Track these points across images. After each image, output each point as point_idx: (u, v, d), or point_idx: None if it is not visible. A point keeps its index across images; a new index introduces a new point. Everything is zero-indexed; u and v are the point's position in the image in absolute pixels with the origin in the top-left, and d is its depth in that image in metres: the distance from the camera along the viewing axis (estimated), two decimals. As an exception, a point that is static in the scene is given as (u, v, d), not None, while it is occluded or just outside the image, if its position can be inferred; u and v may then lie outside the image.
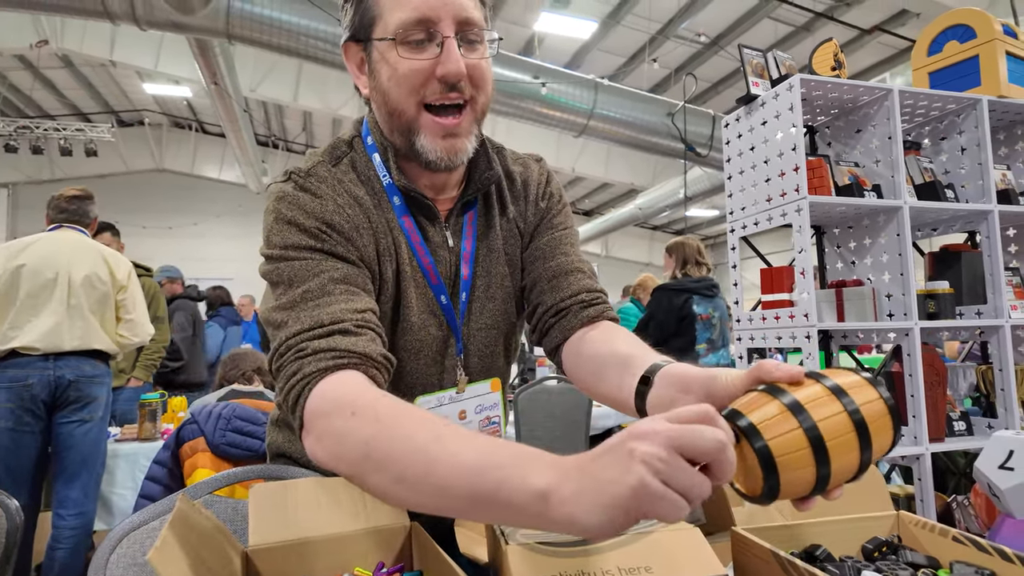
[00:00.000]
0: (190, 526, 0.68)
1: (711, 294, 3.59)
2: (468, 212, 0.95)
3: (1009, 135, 2.39)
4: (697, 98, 9.69)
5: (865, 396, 0.52)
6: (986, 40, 2.11)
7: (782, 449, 0.49)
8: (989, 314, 2.10)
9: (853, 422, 0.50)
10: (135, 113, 12.32)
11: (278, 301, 0.78)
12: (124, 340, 2.81)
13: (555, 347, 0.94)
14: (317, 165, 0.88)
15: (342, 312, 0.75)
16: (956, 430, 2.06)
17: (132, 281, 2.88)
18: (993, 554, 0.75)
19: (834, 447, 0.49)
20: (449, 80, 0.80)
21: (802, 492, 0.51)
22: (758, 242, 2.35)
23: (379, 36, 0.82)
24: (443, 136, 0.83)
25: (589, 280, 0.95)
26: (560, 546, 0.65)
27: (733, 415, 0.52)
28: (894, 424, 0.52)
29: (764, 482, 0.49)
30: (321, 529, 0.78)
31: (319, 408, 0.69)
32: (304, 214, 0.81)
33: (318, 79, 9.07)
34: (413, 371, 0.92)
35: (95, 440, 2.64)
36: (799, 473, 0.49)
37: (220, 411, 2.16)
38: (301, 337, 0.73)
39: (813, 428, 0.49)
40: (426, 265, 0.90)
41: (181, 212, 13.34)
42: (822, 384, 0.52)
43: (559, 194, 1.04)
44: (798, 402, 0.50)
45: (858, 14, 7.55)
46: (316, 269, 0.79)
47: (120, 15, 4.93)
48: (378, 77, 0.84)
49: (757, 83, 2.05)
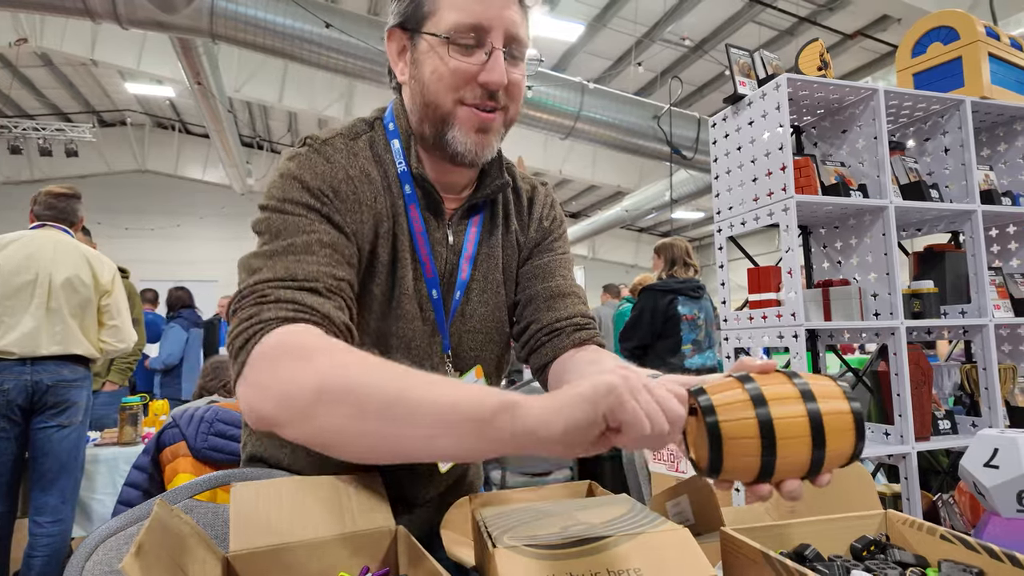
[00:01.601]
0: (168, 532, 0.66)
1: (697, 295, 3.62)
2: (474, 215, 0.97)
3: (991, 136, 2.42)
4: (682, 101, 9.77)
5: (831, 402, 0.54)
6: (969, 42, 2.13)
7: (732, 432, 0.52)
8: (973, 313, 2.12)
9: (809, 417, 0.53)
10: (117, 113, 12.16)
11: (259, 249, 0.77)
12: (107, 346, 2.75)
13: (543, 364, 0.96)
14: (335, 137, 0.89)
15: (318, 273, 0.75)
16: (941, 429, 2.07)
17: (116, 285, 2.82)
18: (981, 552, 0.76)
19: (784, 441, 0.52)
20: (491, 87, 0.83)
21: (746, 476, 0.54)
22: (744, 244, 2.36)
23: (430, 31, 0.83)
24: (476, 130, 0.85)
25: (582, 305, 0.98)
26: (549, 548, 0.64)
27: (698, 392, 0.55)
28: (856, 432, 0.54)
29: (708, 456, 0.53)
30: (304, 533, 0.76)
31: (266, 354, 0.66)
32: (311, 174, 0.82)
33: (304, 80, 9.02)
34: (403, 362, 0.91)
35: (73, 445, 2.59)
36: (743, 457, 0.52)
37: (202, 414, 2.12)
38: (268, 284, 0.72)
39: (767, 416, 0.52)
40: (424, 257, 0.90)
41: (164, 213, 13.18)
42: (792, 382, 0.55)
43: (561, 219, 1.07)
44: (761, 393, 0.53)
45: (841, 19, 7.65)
46: (308, 228, 0.78)
47: (101, 13, 4.85)
48: (420, 68, 0.85)
49: (744, 83, 2.06)
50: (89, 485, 2.76)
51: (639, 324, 3.60)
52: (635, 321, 3.63)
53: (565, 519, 0.74)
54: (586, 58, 9.13)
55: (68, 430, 2.56)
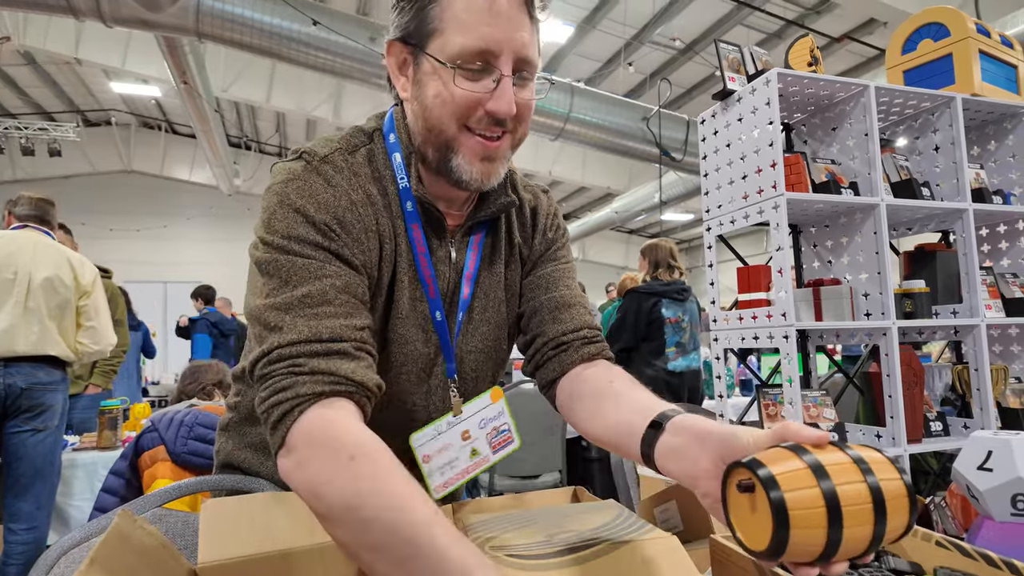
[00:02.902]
0: (128, 543, 0.63)
1: (681, 298, 3.62)
2: (476, 232, 0.92)
3: (981, 135, 2.41)
4: (671, 103, 9.79)
5: (886, 473, 0.52)
6: (960, 38, 2.12)
7: (798, 504, 0.49)
8: (965, 313, 2.11)
9: (872, 493, 0.50)
10: (102, 112, 12.02)
11: (272, 298, 0.73)
12: (84, 348, 2.70)
13: (551, 380, 0.92)
14: (334, 152, 0.83)
15: (342, 329, 0.71)
16: (933, 431, 2.06)
17: (97, 287, 2.78)
18: (978, 559, 0.73)
19: (850, 514, 0.49)
20: (499, 117, 0.79)
21: (807, 555, 0.50)
22: (733, 245, 2.34)
23: (435, 54, 0.78)
24: (481, 158, 0.81)
25: (589, 316, 0.94)
26: (533, 558, 0.61)
27: (754, 464, 0.52)
28: (911, 506, 0.52)
29: (773, 535, 0.49)
30: (278, 544, 0.73)
31: (309, 436, 0.66)
32: (315, 205, 0.76)
33: (292, 80, 8.95)
34: (395, 383, 0.87)
35: (49, 450, 2.53)
36: (810, 532, 0.49)
37: (182, 418, 2.07)
38: (298, 349, 0.69)
39: (831, 490, 0.49)
40: (426, 278, 0.86)
41: (150, 214, 13.04)
42: (846, 452, 0.52)
43: (564, 227, 1.04)
44: (820, 463, 0.51)
45: (828, 22, 7.71)
46: (319, 272, 0.74)
47: (85, 11, 4.78)
48: (423, 89, 0.81)
49: (733, 78, 2.03)
50: (67, 491, 2.71)
51: (623, 327, 3.60)
52: (619, 324, 3.63)
53: (551, 527, 0.73)
54: (576, 60, 9.14)
55: (43, 434, 2.50)
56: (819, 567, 0.51)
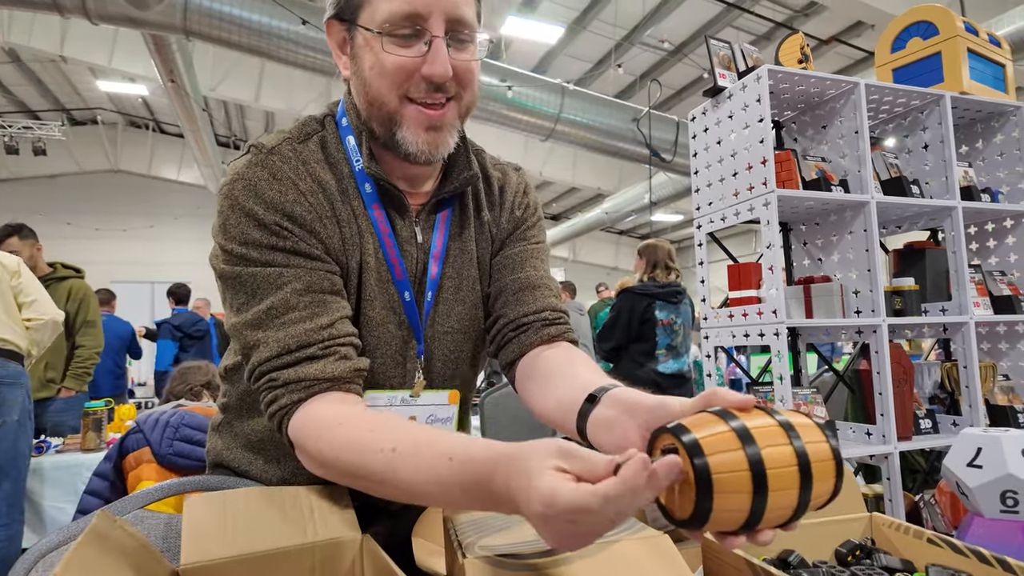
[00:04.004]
0: (107, 545, 0.61)
1: (675, 300, 3.62)
2: (442, 210, 0.91)
3: (969, 133, 2.42)
4: (661, 104, 9.82)
5: (813, 436, 0.51)
6: (948, 37, 2.13)
7: (721, 468, 0.47)
8: (954, 311, 2.12)
9: (797, 457, 0.49)
10: (88, 111, 11.89)
11: (242, 316, 0.77)
12: (34, 322, 2.65)
13: (510, 362, 0.90)
14: (282, 143, 0.83)
15: (307, 333, 0.75)
16: (923, 428, 2.06)
17: (23, 268, 2.76)
18: (969, 556, 0.73)
19: (775, 477, 0.48)
20: (435, 81, 0.77)
21: (732, 523, 0.49)
22: (723, 244, 2.33)
23: (365, 23, 0.77)
24: (426, 128, 0.80)
25: (553, 298, 0.92)
26: (522, 558, 0.60)
27: (678, 429, 0.51)
28: (837, 472, 0.51)
29: (696, 501, 0.48)
30: (263, 544, 0.72)
31: (301, 440, 0.74)
32: (263, 205, 0.77)
33: (281, 79, 8.90)
34: (372, 368, 0.86)
35: (10, 446, 2.47)
36: (734, 497, 0.47)
37: (167, 418, 2.03)
38: (272, 364, 0.74)
39: (756, 453, 0.48)
40: (392, 259, 0.85)
41: (137, 214, 12.93)
42: (772, 416, 0.51)
43: (535, 206, 1.01)
44: (746, 427, 0.49)
45: (816, 24, 7.78)
46: (279, 280, 0.76)
47: (70, 8, 4.72)
48: (360, 63, 0.80)
49: (724, 75, 2.03)
50: (50, 494, 2.66)
51: (616, 325, 3.60)
52: (612, 322, 3.63)
53: (541, 526, 0.71)
54: (566, 60, 9.16)
55: (2, 430, 2.44)
56: (745, 535, 0.50)
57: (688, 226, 15.54)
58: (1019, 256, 2.27)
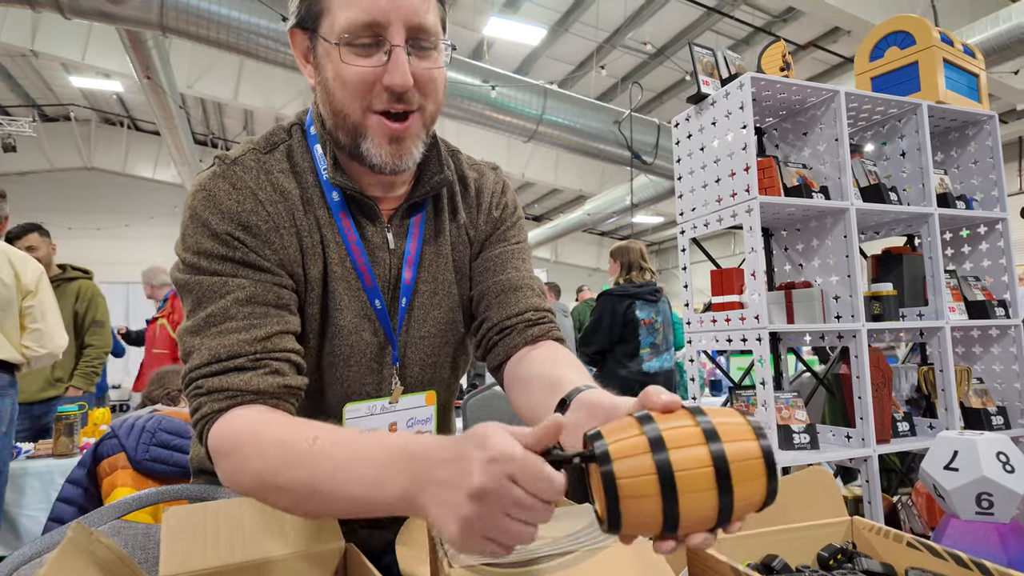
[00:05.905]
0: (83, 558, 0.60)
1: (654, 299, 3.64)
2: (416, 215, 0.90)
3: (944, 141, 2.47)
4: (642, 107, 9.89)
5: (738, 437, 0.50)
6: (925, 47, 2.17)
7: (626, 473, 0.48)
8: (930, 316, 2.15)
9: (713, 459, 0.48)
10: (60, 107, 11.63)
11: (187, 322, 0.77)
12: (30, 352, 2.57)
13: (497, 365, 0.91)
14: (246, 153, 0.82)
15: (239, 344, 0.74)
16: (900, 431, 2.10)
17: (42, 287, 2.65)
18: (948, 559, 0.74)
19: (685, 480, 0.48)
20: (395, 91, 0.76)
21: (649, 526, 0.49)
22: (705, 247, 2.35)
23: (325, 33, 0.76)
24: (390, 140, 0.78)
25: (537, 298, 0.92)
26: (506, 567, 0.60)
27: (594, 436, 0.52)
28: (768, 472, 0.50)
29: (607, 507, 0.49)
30: (244, 555, 0.71)
31: (218, 448, 0.71)
32: (218, 215, 0.76)
33: (260, 76, 8.78)
34: (345, 378, 0.86)
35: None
36: (642, 501, 0.48)
37: (144, 424, 1.99)
38: (200, 372, 0.74)
39: (664, 456, 0.48)
40: (360, 266, 0.84)
41: (111, 213, 12.67)
42: (695, 418, 0.51)
43: (514, 206, 1.00)
44: (659, 431, 0.50)
45: (793, 30, 7.90)
46: (222, 289, 0.76)
47: (42, 2, 4.61)
48: (323, 73, 0.79)
49: (707, 82, 2.05)
50: (20, 501, 2.58)
51: (598, 329, 3.61)
52: (594, 326, 3.64)
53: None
54: (548, 62, 9.17)
55: None
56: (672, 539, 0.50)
57: (669, 228, 15.67)
58: (992, 262, 2.32)
